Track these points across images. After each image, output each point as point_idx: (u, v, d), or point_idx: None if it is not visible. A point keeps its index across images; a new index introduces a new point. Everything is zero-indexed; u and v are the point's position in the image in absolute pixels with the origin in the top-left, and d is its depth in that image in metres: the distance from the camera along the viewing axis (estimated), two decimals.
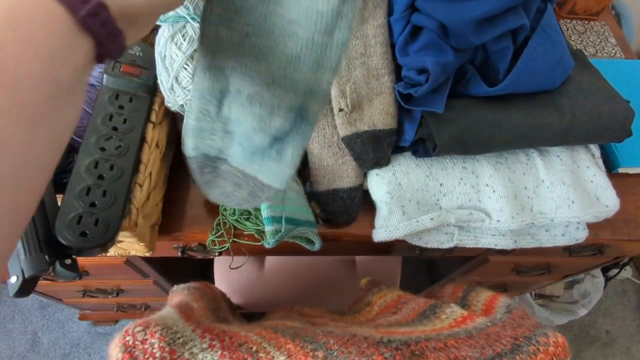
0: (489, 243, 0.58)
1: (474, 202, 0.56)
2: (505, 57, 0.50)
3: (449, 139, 0.52)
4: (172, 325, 0.34)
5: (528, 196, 0.56)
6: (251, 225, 0.53)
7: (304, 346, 0.34)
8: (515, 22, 0.47)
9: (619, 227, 0.62)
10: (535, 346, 0.34)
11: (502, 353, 0.34)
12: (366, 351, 0.33)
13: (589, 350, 1.49)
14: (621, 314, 1.56)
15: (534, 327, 0.37)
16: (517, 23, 0.47)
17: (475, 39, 0.46)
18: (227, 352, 0.33)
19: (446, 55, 0.48)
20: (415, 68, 0.49)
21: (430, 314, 0.45)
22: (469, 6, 0.45)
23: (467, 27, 0.44)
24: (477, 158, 0.58)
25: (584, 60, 0.62)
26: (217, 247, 0.58)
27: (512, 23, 0.47)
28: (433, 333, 0.37)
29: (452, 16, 0.44)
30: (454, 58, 0.48)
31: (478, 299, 0.50)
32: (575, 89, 0.56)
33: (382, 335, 0.35)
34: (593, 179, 0.59)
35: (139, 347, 0.31)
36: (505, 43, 0.49)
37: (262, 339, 0.35)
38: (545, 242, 0.59)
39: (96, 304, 1.11)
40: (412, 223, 0.53)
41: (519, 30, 0.49)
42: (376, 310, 0.55)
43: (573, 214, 0.55)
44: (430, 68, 0.47)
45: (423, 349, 0.34)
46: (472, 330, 0.38)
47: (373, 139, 0.54)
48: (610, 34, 0.84)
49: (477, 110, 0.52)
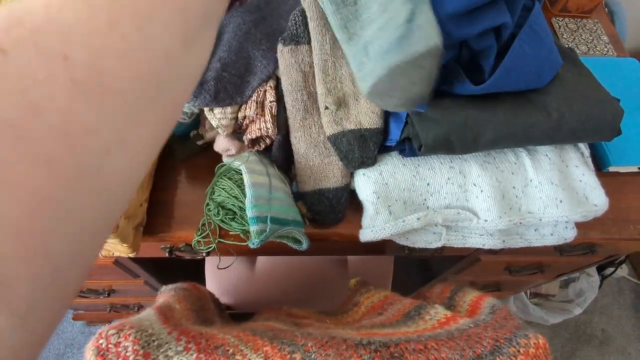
0: (477, 243, 0.57)
1: (462, 201, 0.55)
2: (489, 55, 0.49)
3: (434, 138, 0.51)
4: (147, 328, 0.33)
5: (516, 195, 0.56)
6: (236, 225, 0.53)
7: (281, 348, 0.33)
8: (497, 19, 0.46)
9: (608, 226, 0.62)
10: (516, 348, 0.34)
11: (482, 355, 0.34)
12: (344, 353, 0.33)
13: (585, 349, 1.49)
14: (617, 313, 1.56)
15: (515, 329, 0.36)
16: (499, 20, 0.47)
17: (456, 34, 0.45)
18: (202, 355, 0.32)
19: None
20: None
21: (414, 315, 0.45)
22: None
23: (447, 21, 0.43)
24: (464, 158, 0.57)
25: (573, 59, 0.61)
26: (203, 248, 0.57)
27: (493, 20, 0.46)
28: (414, 334, 0.37)
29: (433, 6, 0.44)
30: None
31: (464, 300, 0.50)
32: (564, 88, 0.55)
33: (361, 337, 0.35)
34: (582, 178, 0.58)
35: (112, 350, 0.31)
36: (488, 41, 0.49)
37: (240, 341, 0.34)
38: (534, 241, 0.58)
39: (89, 304, 1.11)
40: (399, 223, 0.53)
41: (502, 29, 0.49)
42: (363, 310, 0.55)
43: (561, 214, 0.55)
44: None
45: (402, 351, 0.34)
46: (454, 332, 0.37)
47: (359, 138, 0.53)
48: (602, 32, 0.84)
49: (463, 109, 0.52)
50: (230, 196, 0.51)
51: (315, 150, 0.55)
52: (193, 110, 0.52)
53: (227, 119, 0.51)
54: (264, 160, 0.57)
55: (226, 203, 0.52)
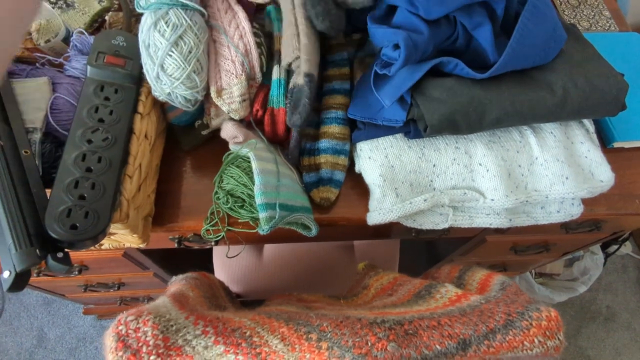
0: (484, 222, 0.57)
1: (468, 181, 0.55)
2: (485, 33, 0.49)
3: (440, 119, 0.51)
4: (164, 314, 0.34)
5: (522, 174, 0.56)
6: (245, 213, 0.53)
7: (297, 329, 0.34)
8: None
9: (614, 201, 0.62)
10: (528, 321, 0.34)
11: (495, 329, 0.34)
12: (360, 332, 0.33)
13: (590, 326, 1.51)
14: (622, 290, 1.58)
15: (527, 303, 0.37)
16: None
17: (439, 7, 0.46)
18: (220, 338, 0.33)
19: (420, 32, 0.47)
20: (391, 44, 0.49)
21: (425, 294, 0.46)
22: None
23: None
24: (469, 138, 0.57)
25: (576, 34, 0.61)
26: (212, 237, 0.58)
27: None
28: (427, 312, 0.37)
29: None
30: (428, 34, 0.47)
31: (473, 278, 0.50)
32: (567, 64, 0.55)
33: (375, 316, 0.35)
34: (587, 154, 0.58)
35: (132, 336, 0.31)
36: (479, 18, 0.48)
37: (256, 324, 0.35)
38: (541, 219, 0.59)
39: (99, 298, 1.12)
40: (406, 205, 0.53)
41: (492, 4, 0.48)
42: (373, 293, 0.56)
43: (567, 190, 0.55)
44: (402, 43, 0.46)
45: (417, 328, 0.34)
46: (466, 308, 0.38)
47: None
48: (604, 7, 0.83)
49: (468, 88, 0.52)
50: (239, 184, 0.51)
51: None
52: (197, 97, 0.52)
53: (235, 102, 0.51)
54: (270, 147, 0.57)
55: (235, 191, 0.52)
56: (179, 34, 0.48)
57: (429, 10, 0.47)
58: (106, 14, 0.63)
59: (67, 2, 0.61)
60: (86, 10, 0.62)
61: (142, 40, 0.48)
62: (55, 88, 0.49)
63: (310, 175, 0.57)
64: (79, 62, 0.51)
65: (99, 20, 0.63)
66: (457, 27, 0.49)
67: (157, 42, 0.47)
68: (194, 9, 0.51)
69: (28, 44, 0.58)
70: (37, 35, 0.58)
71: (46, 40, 0.58)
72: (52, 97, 0.47)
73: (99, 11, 0.62)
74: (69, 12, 0.61)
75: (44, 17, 0.58)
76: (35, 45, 0.57)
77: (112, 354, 0.31)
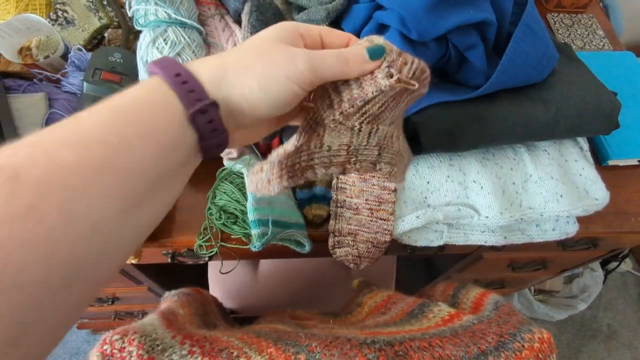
0: (479, 240, 0.57)
1: (462, 198, 0.55)
2: (478, 54, 0.49)
3: (434, 137, 0.51)
4: (151, 333, 0.33)
5: (516, 191, 0.56)
6: (238, 229, 0.53)
7: (285, 349, 0.33)
8: (476, 15, 0.47)
9: (610, 220, 0.62)
10: (520, 343, 0.34)
11: (487, 351, 0.34)
12: (349, 352, 0.33)
13: (591, 344, 1.48)
14: (622, 307, 1.56)
15: (520, 324, 0.36)
16: (478, 16, 0.47)
17: (432, 28, 0.46)
18: (207, 358, 0.32)
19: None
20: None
21: (418, 313, 0.45)
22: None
23: (421, 14, 0.44)
24: (463, 155, 0.57)
25: (569, 53, 0.62)
26: (205, 252, 0.57)
27: (470, 15, 0.47)
28: (418, 333, 0.37)
29: (406, 1, 0.45)
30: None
31: (468, 297, 0.50)
32: (561, 82, 0.56)
33: (366, 336, 0.35)
34: (582, 172, 0.58)
35: (117, 356, 0.31)
36: (471, 38, 0.49)
37: (244, 344, 0.34)
38: (536, 237, 0.58)
39: (93, 313, 1.11)
40: (399, 222, 0.53)
41: (484, 26, 0.49)
42: (366, 311, 0.55)
43: (562, 208, 0.55)
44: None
45: (407, 349, 0.34)
46: (458, 329, 0.37)
47: None
48: (598, 27, 0.84)
49: (462, 107, 0.52)
50: (232, 200, 0.51)
51: None
52: None
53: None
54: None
55: (228, 207, 0.52)
56: (177, 51, 0.49)
57: (422, 32, 0.48)
58: (105, 31, 0.64)
59: (67, 19, 0.63)
60: (86, 27, 0.63)
61: (140, 56, 0.49)
62: (51, 104, 0.49)
63: (303, 192, 0.57)
64: (76, 78, 0.52)
65: (98, 37, 0.64)
66: (448, 47, 0.50)
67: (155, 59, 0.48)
68: (192, 27, 0.52)
69: (27, 59, 0.59)
70: (36, 51, 0.59)
71: (45, 56, 0.59)
72: (47, 113, 0.47)
73: (98, 28, 0.63)
74: (69, 28, 0.62)
75: (44, 33, 0.59)
76: (35, 61, 0.58)
77: None
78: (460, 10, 0.46)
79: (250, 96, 0.26)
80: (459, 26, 0.46)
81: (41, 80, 0.54)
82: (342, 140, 0.31)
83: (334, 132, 0.31)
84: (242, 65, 0.26)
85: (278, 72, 0.26)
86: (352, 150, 0.31)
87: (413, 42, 0.48)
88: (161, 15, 0.49)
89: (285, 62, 0.26)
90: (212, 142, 0.26)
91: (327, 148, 0.30)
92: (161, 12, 0.49)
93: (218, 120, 0.25)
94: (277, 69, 0.26)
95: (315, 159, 0.30)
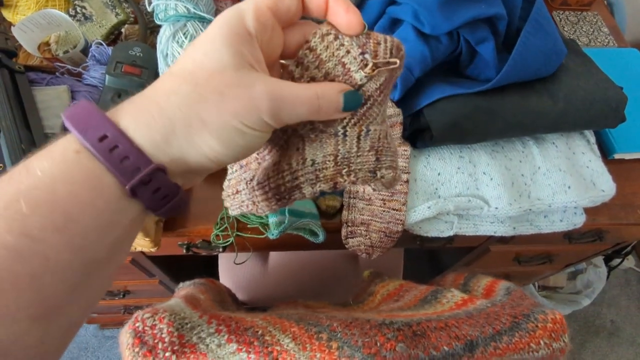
0: (488, 230, 0.58)
1: (472, 190, 0.57)
2: (489, 47, 0.51)
3: (444, 128, 0.53)
4: (179, 312, 0.35)
5: (525, 183, 0.57)
6: (255, 218, 0.54)
7: (308, 329, 0.35)
8: (488, 10, 0.48)
9: (616, 212, 0.63)
10: (534, 323, 0.35)
11: (501, 331, 0.35)
12: (369, 332, 0.34)
13: (594, 340, 1.49)
14: (625, 304, 1.57)
15: (533, 306, 0.38)
16: (490, 11, 0.48)
17: (445, 22, 0.47)
18: (233, 336, 0.34)
19: (421, 49, 0.49)
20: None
21: (431, 299, 0.46)
22: None
23: (435, 8, 0.45)
24: (473, 147, 0.59)
25: (576, 49, 0.63)
26: (221, 242, 0.59)
27: (482, 10, 0.48)
28: (434, 315, 0.38)
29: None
30: (429, 52, 0.49)
31: (479, 285, 0.51)
32: (568, 76, 0.57)
33: (384, 318, 0.36)
34: (589, 164, 0.59)
35: (149, 333, 0.32)
36: (482, 33, 0.50)
37: (268, 323, 0.36)
38: (544, 228, 0.60)
39: (103, 307, 1.12)
40: (411, 213, 0.54)
41: (495, 21, 0.50)
42: (379, 299, 0.56)
43: (570, 199, 0.56)
44: (398, 80, 0.48)
45: (424, 329, 0.35)
46: (473, 311, 0.39)
47: None
48: (603, 24, 0.85)
49: (472, 99, 0.53)
50: None
51: None
52: None
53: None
54: None
55: None
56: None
57: (435, 26, 0.49)
58: (122, 26, 0.65)
59: (85, 15, 0.64)
60: (103, 22, 0.64)
61: (161, 50, 0.50)
62: (73, 96, 0.51)
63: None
64: (97, 72, 0.53)
65: (115, 33, 0.66)
66: (460, 42, 0.51)
67: (175, 53, 0.49)
68: (211, 21, 0.53)
69: (47, 54, 0.60)
70: (55, 47, 0.61)
71: (65, 51, 0.60)
72: (71, 105, 0.49)
73: (115, 24, 0.64)
74: (87, 24, 0.64)
75: (64, 28, 0.61)
76: (54, 55, 0.60)
77: (128, 350, 0.32)
78: (472, 4, 0.47)
79: (211, 153, 0.23)
80: (471, 20, 0.48)
81: (63, 73, 0.55)
82: (325, 150, 0.27)
83: (315, 144, 0.27)
84: (194, 118, 0.22)
85: (239, 125, 0.22)
86: (341, 161, 0.27)
87: (426, 36, 0.50)
88: (181, 10, 0.50)
89: (246, 111, 0.22)
90: (165, 209, 0.23)
91: (311, 162, 0.27)
92: (181, 6, 0.50)
93: (167, 186, 0.22)
94: (236, 121, 0.22)
95: (299, 177, 0.27)
